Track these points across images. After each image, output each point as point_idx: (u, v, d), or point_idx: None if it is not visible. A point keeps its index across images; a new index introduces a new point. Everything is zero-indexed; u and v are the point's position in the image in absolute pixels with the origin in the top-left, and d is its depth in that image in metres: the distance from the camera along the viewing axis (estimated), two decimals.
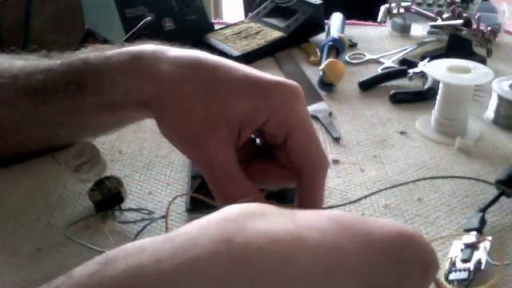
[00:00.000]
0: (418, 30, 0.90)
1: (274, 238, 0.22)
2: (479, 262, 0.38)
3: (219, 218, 0.23)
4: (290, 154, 0.37)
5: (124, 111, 0.41)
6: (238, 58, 0.77)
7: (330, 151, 0.56)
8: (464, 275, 0.37)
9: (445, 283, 0.37)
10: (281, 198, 0.44)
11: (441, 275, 0.38)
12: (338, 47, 0.78)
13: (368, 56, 0.81)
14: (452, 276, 0.38)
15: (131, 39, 0.72)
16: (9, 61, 0.45)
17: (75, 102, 0.41)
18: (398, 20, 0.90)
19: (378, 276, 0.23)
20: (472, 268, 0.37)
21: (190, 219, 0.45)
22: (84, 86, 0.40)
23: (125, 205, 0.46)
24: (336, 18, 0.88)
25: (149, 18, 0.78)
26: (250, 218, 0.23)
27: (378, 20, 0.90)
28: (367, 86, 0.70)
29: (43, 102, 0.41)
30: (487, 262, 0.38)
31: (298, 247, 0.22)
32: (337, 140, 0.58)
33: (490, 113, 0.62)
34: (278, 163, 0.40)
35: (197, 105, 0.36)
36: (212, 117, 0.36)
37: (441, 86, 0.58)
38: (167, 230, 0.41)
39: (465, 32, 0.82)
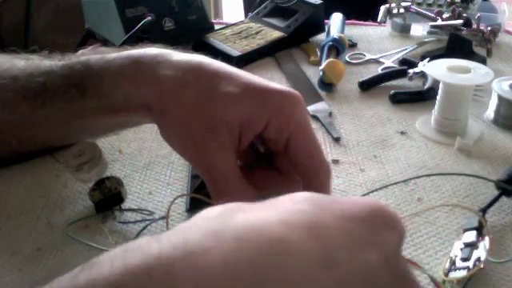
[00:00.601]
0: (418, 30, 0.90)
1: (264, 228, 0.22)
2: (478, 260, 0.38)
3: (203, 218, 0.24)
4: (292, 159, 0.38)
5: (124, 115, 0.41)
6: (237, 58, 0.77)
7: (330, 151, 0.56)
8: (463, 273, 0.37)
9: (444, 279, 0.37)
10: None
11: (440, 274, 0.38)
12: (338, 47, 0.78)
13: (368, 56, 0.81)
14: (451, 274, 0.38)
15: (131, 39, 0.72)
16: (10, 61, 0.45)
17: (75, 105, 0.41)
18: (398, 20, 0.90)
19: (362, 247, 0.24)
20: (471, 266, 0.37)
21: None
22: (84, 89, 0.40)
23: (125, 205, 0.46)
24: (336, 18, 0.88)
25: (149, 18, 0.78)
26: (233, 213, 0.23)
27: (378, 20, 0.90)
28: (367, 85, 0.71)
29: (43, 103, 0.41)
30: (486, 260, 0.38)
31: (289, 232, 0.22)
32: (337, 140, 0.58)
33: (489, 113, 0.62)
34: (278, 170, 0.40)
35: (197, 110, 0.36)
36: (212, 122, 0.36)
37: (441, 86, 0.58)
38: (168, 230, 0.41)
39: (465, 32, 0.82)
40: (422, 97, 0.67)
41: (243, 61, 0.77)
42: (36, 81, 0.42)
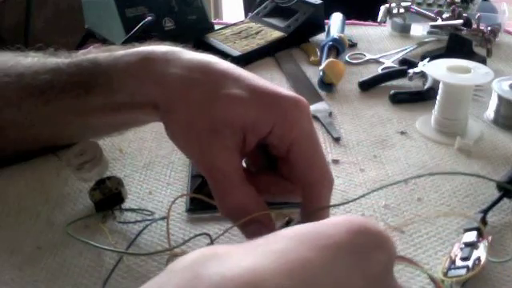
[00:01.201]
0: (418, 30, 0.90)
1: (238, 280, 0.21)
2: (478, 260, 0.38)
3: (174, 271, 0.22)
4: (293, 166, 0.37)
5: (130, 113, 0.41)
6: (238, 58, 0.77)
7: (330, 151, 0.56)
8: (462, 272, 0.37)
9: (443, 278, 0.37)
10: (283, 204, 0.44)
11: (439, 273, 0.38)
12: (338, 47, 0.78)
13: (368, 56, 0.81)
14: (450, 273, 0.38)
15: (131, 39, 0.72)
16: (14, 59, 0.45)
17: (81, 103, 0.41)
18: (398, 20, 0.90)
19: (347, 274, 0.23)
20: (471, 265, 0.37)
21: (190, 219, 0.46)
22: (91, 87, 0.40)
23: (125, 205, 0.46)
24: (336, 18, 0.88)
25: (149, 18, 0.78)
26: (205, 263, 0.22)
27: (378, 20, 0.90)
28: (367, 85, 0.71)
29: (48, 101, 0.41)
30: (486, 259, 0.38)
31: (267, 279, 0.21)
32: (337, 140, 0.58)
33: (489, 113, 0.62)
34: (282, 176, 0.39)
35: (203, 110, 0.36)
36: (216, 122, 0.36)
37: (441, 86, 0.58)
38: (168, 231, 0.41)
39: (465, 32, 0.82)
40: (422, 97, 0.67)
41: (243, 61, 0.77)
42: (42, 78, 0.41)
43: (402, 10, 0.89)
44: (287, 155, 0.37)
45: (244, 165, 0.40)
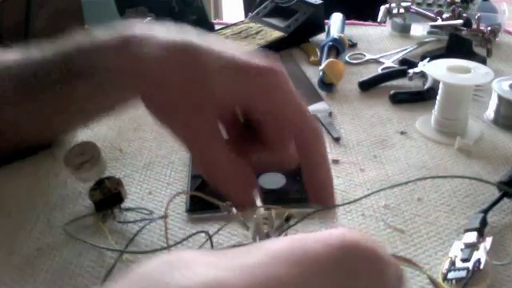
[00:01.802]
0: (418, 30, 0.90)
1: None
2: (478, 262, 0.38)
3: (133, 278, 0.21)
4: (278, 129, 0.37)
5: (116, 96, 0.42)
6: None
7: (330, 151, 0.56)
8: (462, 274, 0.37)
9: (442, 283, 0.37)
10: (283, 201, 0.44)
11: (439, 274, 0.38)
12: (338, 47, 0.78)
13: (368, 56, 0.81)
14: (450, 275, 0.38)
15: None
16: (0, 54, 0.45)
17: (68, 90, 0.41)
18: (398, 20, 0.90)
19: None
20: (471, 267, 0.37)
21: (190, 219, 0.46)
22: (77, 73, 0.41)
23: (124, 204, 0.46)
24: (336, 18, 0.88)
25: (149, 18, 0.78)
26: (169, 271, 0.21)
27: (378, 20, 0.90)
28: (367, 85, 0.71)
29: (37, 92, 0.42)
30: (486, 262, 0.38)
31: None
32: (337, 140, 0.58)
33: (489, 113, 0.62)
34: (267, 147, 0.39)
35: (185, 87, 0.37)
36: (199, 97, 0.36)
37: (441, 86, 0.58)
38: (166, 230, 0.41)
39: (465, 32, 0.82)
40: (422, 97, 0.67)
41: None
42: (29, 70, 0.42)
43: (402, 10, 0.89)
44: (272, 123, 0.37)
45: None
